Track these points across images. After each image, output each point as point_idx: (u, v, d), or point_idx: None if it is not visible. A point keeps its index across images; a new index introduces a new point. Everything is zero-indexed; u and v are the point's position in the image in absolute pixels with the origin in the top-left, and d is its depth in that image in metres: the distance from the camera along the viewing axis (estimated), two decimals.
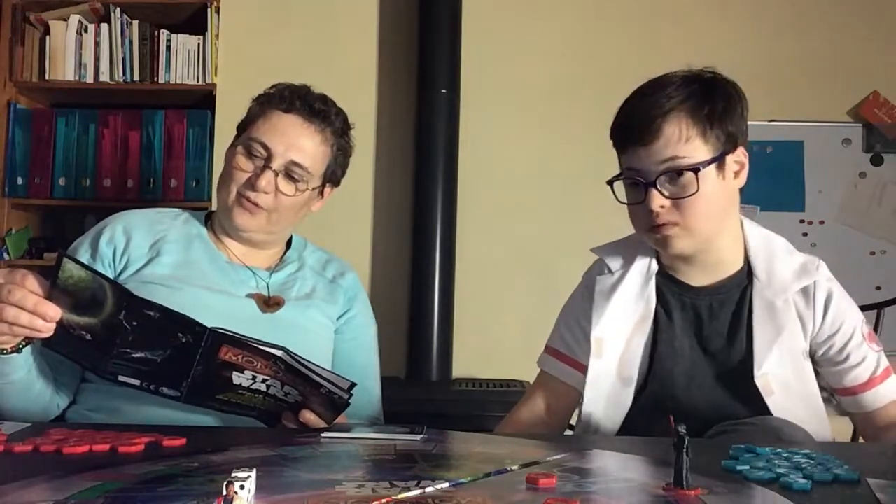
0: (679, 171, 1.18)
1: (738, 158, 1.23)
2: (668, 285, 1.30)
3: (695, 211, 1.19)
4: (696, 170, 1.17)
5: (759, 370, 1.21)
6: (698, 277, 1.28)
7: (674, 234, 1.20)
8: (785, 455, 0.90)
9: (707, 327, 1.27)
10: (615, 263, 1.33)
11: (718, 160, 1.20)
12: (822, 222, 2.71)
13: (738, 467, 0.84)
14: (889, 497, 0.74)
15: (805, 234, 2.69)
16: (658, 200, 1.18)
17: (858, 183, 2.73)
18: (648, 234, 1.24)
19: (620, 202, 1.27)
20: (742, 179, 1.25)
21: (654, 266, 1.31)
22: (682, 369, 1.27)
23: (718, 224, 1.23)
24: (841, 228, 2.71)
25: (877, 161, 2.73)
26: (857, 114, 2.74)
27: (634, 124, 1.20)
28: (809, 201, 2.72)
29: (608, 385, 1.28)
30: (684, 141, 1.18)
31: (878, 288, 2.62)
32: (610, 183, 1.26)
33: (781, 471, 0.82)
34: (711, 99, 1.20)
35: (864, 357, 1.24)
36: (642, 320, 1.28)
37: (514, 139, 2.76)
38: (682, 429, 0.74)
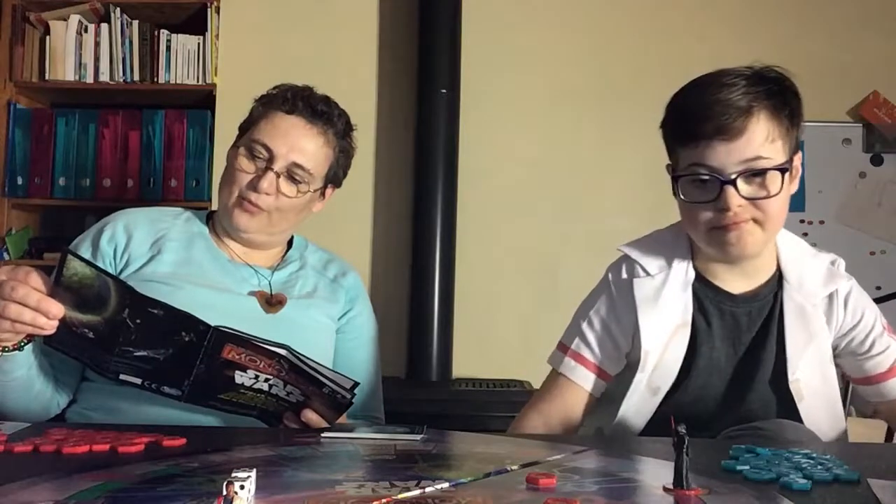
0: (759, 172, 1.14)
1: (797, 162, 1.21)
2: (706, 292, 1.25)
3: (771, 211, 1.16)
4: (783, 170, 1.14)
5: (793, 375, 1.21)
6: (737, 284, 1.25)
7: (749, 229, 1.16)
8: (785, 455, 0.90)
9: (745, 335, 1.25)
10: (652, 266, 1.26)
11: (791, 161, 1.18)
12: (822, 222, 2.72)
13: (738, 467, 0.84)
14: (889, 497, 0.74)
15: (805, 234, 2.69)
16: (737, 200, 1.13)
17: (858, 183, 2.73)
18: (711, 234, 1.18)
19: (682, 199, 1.19)
20: (796, 185, 1.22)
21: (692, 272, 1.25)
22: (716, 380, 1.24)
23: (780, 228, 1.22)
24: (841, 228, 2.71)
25: (877, 161, 2.73)
26: (857, 114, 2.75)
27: (712, 117, 1.13)
28: (809, 201, 2.72)
29: (638, 394, 1.24)
30: (770, 141, 1.14)
31: (878, 288, 2.62)
32: (676, 179, 1.20)
33: (781, 471, 0.82)
34: (789, 101, 1.17)
35: (887, 346, 1.25)
36: (680, 329, 1.23)
37: (514, 139, 2.76)
38: (682, 429, 0.74)
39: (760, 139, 1.13)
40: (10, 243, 2.61)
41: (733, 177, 1.13)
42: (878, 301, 1.74)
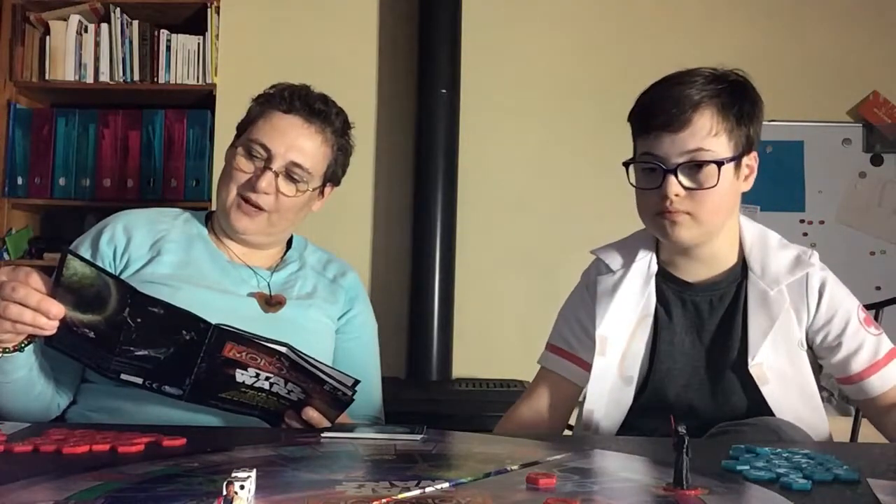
0: (700, 164, 1.19)
1: (751, 162, 1.26)
2: (668, 284, 1.31)
3: (708, 204, 1.20)
4: (719, 164, 1.19)
5: (753, 359, 1.23)
6: (696, 273, 1.29)
7: (682, 221, 1.21)
8: (785, 455, 0.90)
9: (707, 323, 1.28)
10: (615, 263, 1.34)
11: (737, 159, 1.22)
12: (822, 222, 2.72)
13: (738, 467, 0.84)
14: (889, 497, 0.74)
15: (805, 234, 2.69)
16: (675, 188, 1.19)
17: (858, 183, 2.73)
18: (654, 219, 1.24)
19: (631, 185, 1.27)
20: (749, 184, 1.27)
21: (654, 265, 1.32)
22: (682, 368, 1.28)
23: (722, 221, 1.25)
24: (841, 228, 2.71)
25: (877, 161, 2.73)
26: (857, 114, 2.74)
27: (663, 110, 1.20)
28: (809, 201, 2.72)
29: (610, 384, 1.29)
30: (713, 135, 1.19)
31: (878, 288, 2.62)
32: (626, 165, 1.27)
33: (781, 471, 0.82)
34: (740, 99, 1.22)
35: (863, 342, 1.24)
36: (643, 319, 1.29)
37: (514, 139, 2.76)
38: (682, 429, 0.74)
39: (703, 132, 1.19)
40: (10, 243, 2.61)
41: (675, 166, 1.19)
42: (879, 305, 1.74)
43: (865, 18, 2.76)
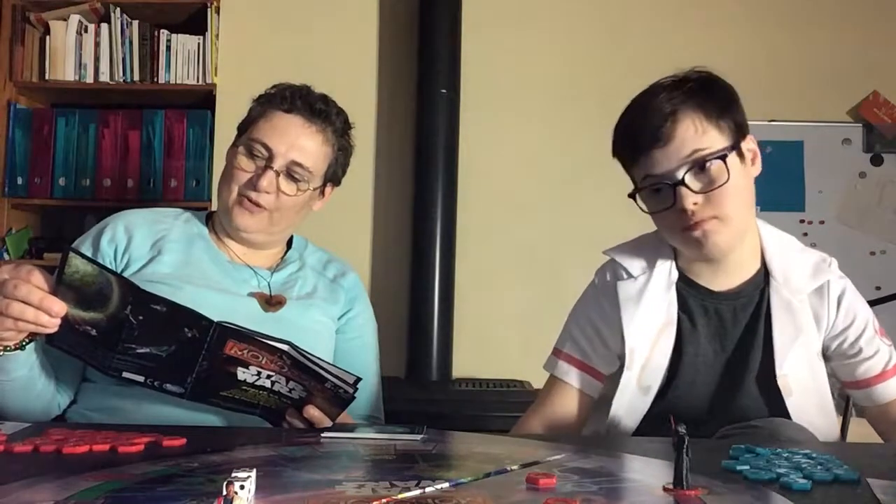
0: (703, 164, 1.16)
1: (750, 146, 1.23)
2: (689, 291, 1.27)
3: (728, 200, 1.17)
4: (723, 157, 1.16)
5: (781, 370, 1.21)
6: (719, 281, 1.26)
7: (712, 227, 1.17)
8: (785, 455, 0.90)
9: (731, 332, 1.26)
10: (635, 268, 1.29)
11: (736, 147, 1.19)
12: (822, 222, 2.72)
13: (738, 467, 0.84)
14: (889, 497, 0.74)
15: (805, 234, 2.69)
16: (690, 198, 1.16)
17: (858, 183, 2.73)
18: (683, 236, 1.20)
19: (645, 212, 1.24)
20: (758, 166, 1.24)
21: (675, 271, 1.28)
22: (705, 378, 1.25)
23: (749, 215, 1.23)
24: (841, 228, 2.71)
25: (877, 161, 2.73)
26: (857, 114, 2.75)
27: (643, 130, 1.18)
28: (809, 201, 2.72)
29: (629, 392, 1.25)
30: (701, 133, 1.17)
31: (878, 288, 2.62)
32: (632, 196, 1.24)
33: (781, 471, 0.82)
34: (712, 93, 1.20)
35: (878, 350, 1.25)
36: (666, 328, 1.25)
37: (514, 139, 2.76)
38: (682, 429, 0.74)
39: (691, 135, 1.17)
40: (10, 243, 2.61)
41: (680, 177, 1.16)
42: (878, 302, 1.75)
43: (865, 19, 2.76)
